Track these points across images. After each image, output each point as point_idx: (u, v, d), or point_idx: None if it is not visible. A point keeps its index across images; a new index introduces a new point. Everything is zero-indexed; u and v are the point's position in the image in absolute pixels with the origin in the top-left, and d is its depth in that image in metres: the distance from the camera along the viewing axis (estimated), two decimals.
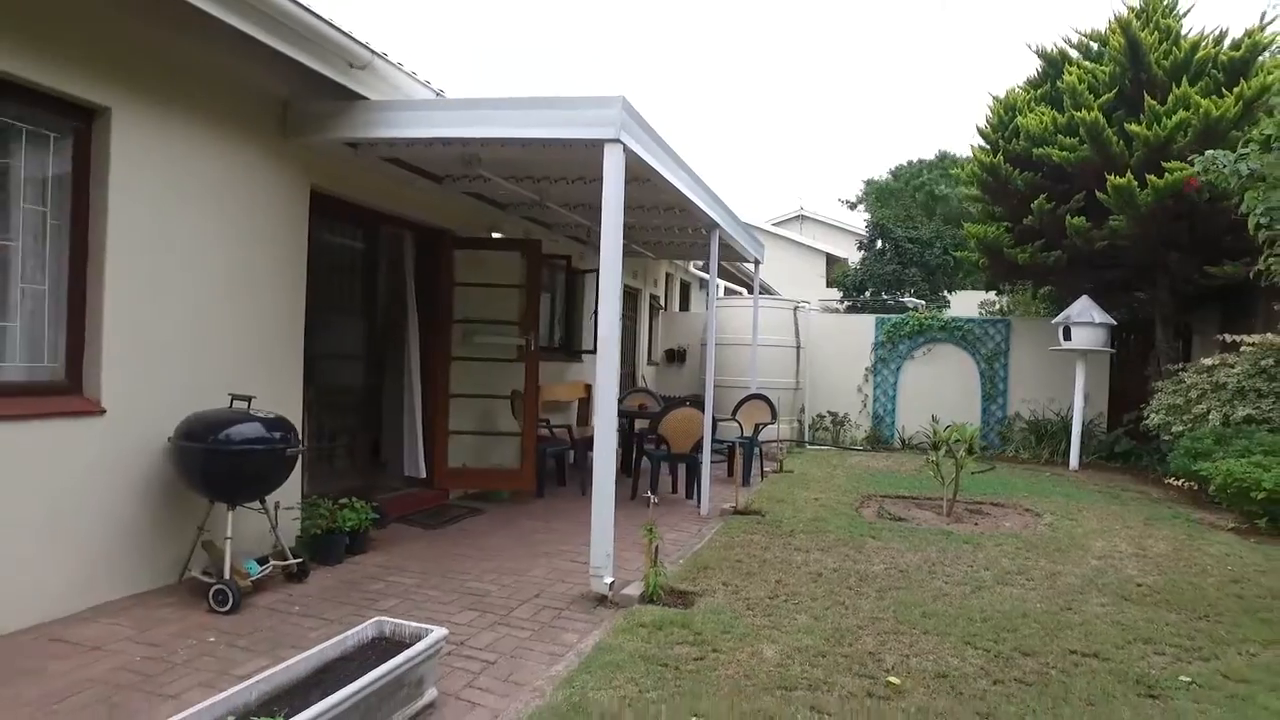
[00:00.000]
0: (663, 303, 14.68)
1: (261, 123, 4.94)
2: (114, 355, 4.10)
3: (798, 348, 12.70)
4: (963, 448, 7.28)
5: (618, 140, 4.39)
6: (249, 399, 4.41)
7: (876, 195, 34.34)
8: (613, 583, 4.44)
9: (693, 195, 6.18)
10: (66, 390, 4.02)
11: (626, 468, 9.32)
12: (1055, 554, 5.76)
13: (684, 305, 16.40)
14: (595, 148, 4.48)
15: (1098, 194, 9.23)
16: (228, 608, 4.00)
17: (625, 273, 11.73)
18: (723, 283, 16.18)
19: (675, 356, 14.32)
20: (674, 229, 9.06)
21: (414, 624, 3.17)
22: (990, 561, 5.48)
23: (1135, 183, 8.76)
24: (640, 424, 8.89)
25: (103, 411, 4.04)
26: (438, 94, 5.59)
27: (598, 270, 8.44)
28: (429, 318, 7.17)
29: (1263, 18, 9.11)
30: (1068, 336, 10.44)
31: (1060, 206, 9.87)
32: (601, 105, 4.41)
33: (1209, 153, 4.46)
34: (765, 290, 13.75)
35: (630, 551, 5.23)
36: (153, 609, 4.03)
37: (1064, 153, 9.60)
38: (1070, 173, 9.78)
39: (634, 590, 4.47)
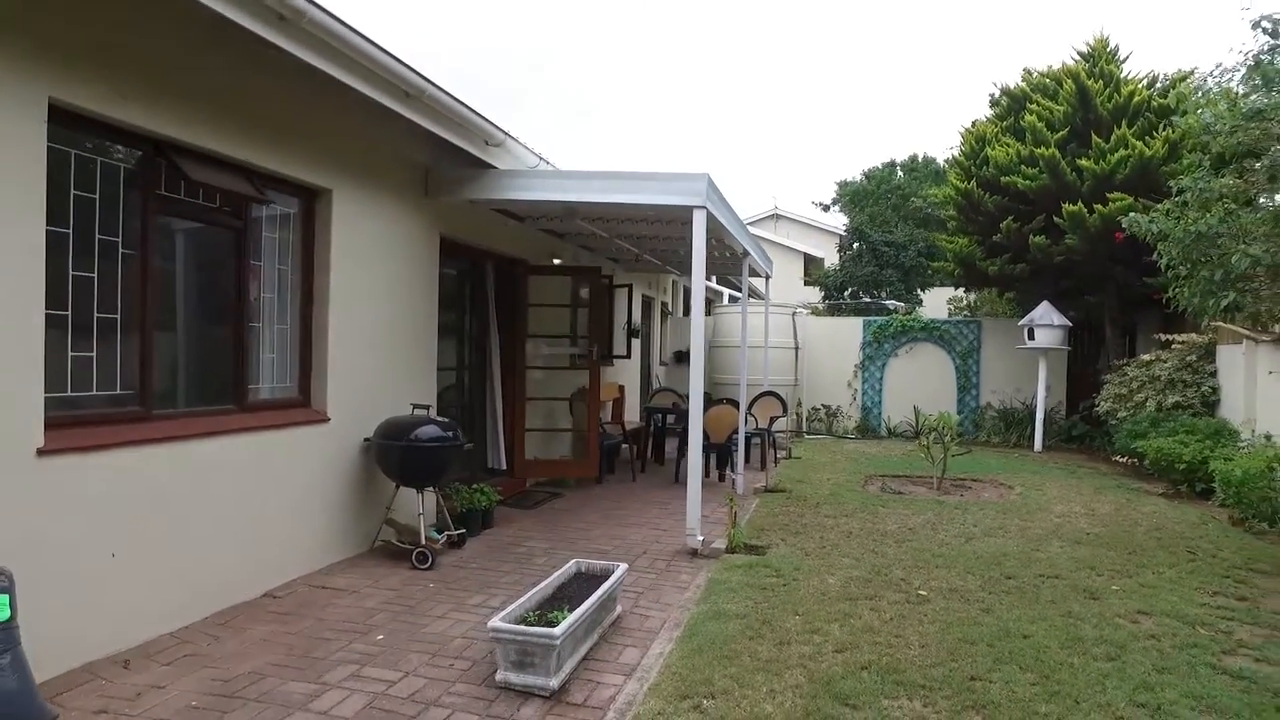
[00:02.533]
0: (670, 308, 16.18)
1: (412, 187, 6.32)
2: (334, 374, 5.48)
3: (796, 349, 14.29)
4: (948, 434, 8.88)
5: (704, 207, 5.86)
6: (427, 407, 5.82)
7: (850, 197, 36.11)
8: (704, 540, 5.93)
9: (739, 236, 7.68)
10: (303, 404, 5.40)
11: (659, 456, 10.82)
12: (1025, 515, 7.37)
13: (686, 309, 17.89)
14: (680, 210, 5.96)
15: (1055, 218, 10.92)
16: (428, 565, 5.42)
17: (641, 284, 13.25)
18: (725, 290, 17.69)
19: (683, 357, 15.82)
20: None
21: (602, 562, 4.63)
22: (977, 521, 7.06)
23: (1086, 209, 10.46)
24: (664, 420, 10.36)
25: (328, 420, 5.43)
26: (540, 158, 7.00)
27: (629, 285, 10.17)
28: (508, 333, 8.58)
29: (1192, 70, 10.81)
30: (1031, 336, 12.13)
31: (1024, 226, 11.54)
32: (692, 180, 5.88)
33: (1131, 215, 6.02)
34: (752, 293, 15.31)
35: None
36: (368, 568, 5.43)
37: (1027, 181, 11.28)
38: (1032, 198, 11.45)
39: (719, 545, 5.96)
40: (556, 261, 9.28)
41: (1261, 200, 5.06)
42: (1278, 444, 7.71)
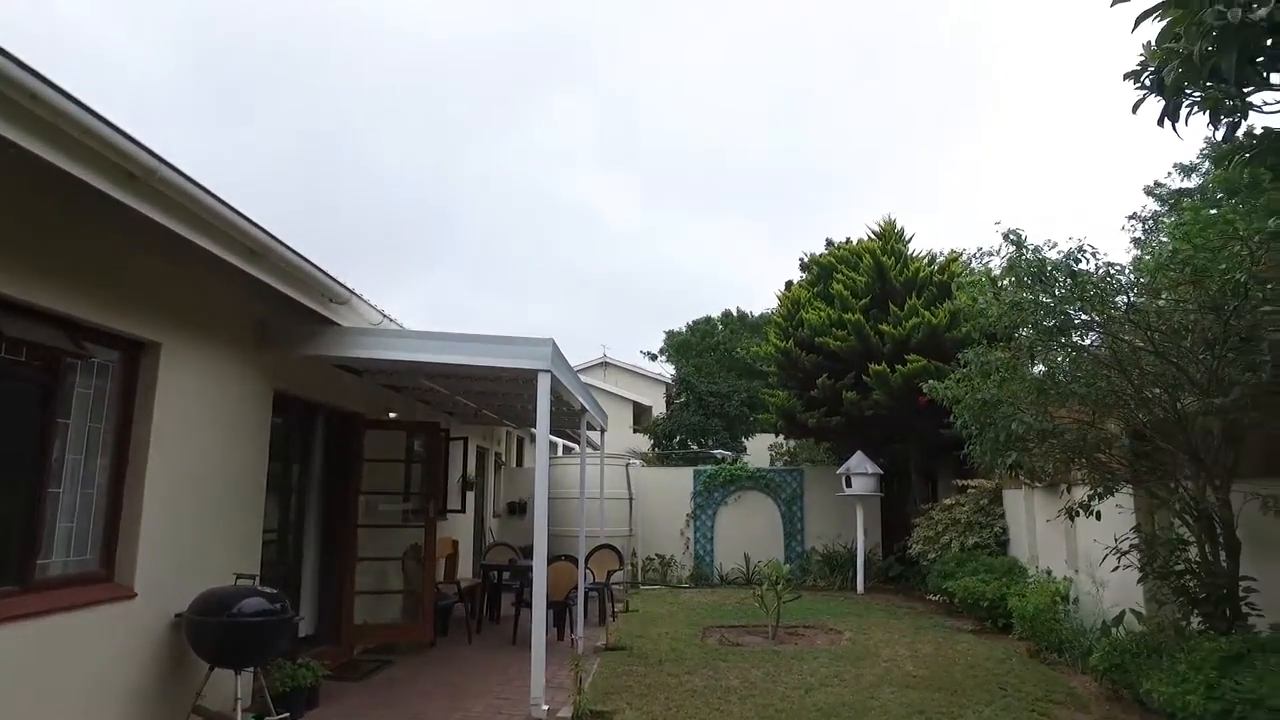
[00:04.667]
0: (504, 458, 16.02)
1: (247, 340, 6.09)
2: (146, 542, 4.97)
3: (630, 499, 14.49)
4: (779, 581, 9.23)
5: (548, 371, 6.04)
6: (253, 576, 5.37)
7: (676, 347, 38.07)
8: (549, 709, 5.71)
9: (578, 395, 7.91)
10: (105, 578, 4.83)
11: (495, 614, 10.40)
12: (857, 661, 7.69)
13: (519, 459, 17.77)
14: (522, 372, 6.12)
15: (864, 376, 12.13)
16: None
17: (476, 435, 13.13)
18: (560, 441, 17.80)
19: (517, 509, 15.57)
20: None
21: None
22: (813, 671, 7.28)
23: (889, 369, 11.72)
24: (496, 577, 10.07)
25: (134, 595, 4.87)
26: (385, 315, 7.00)
27: (465, 439, 10.06)
28: (341, 489, 8.16)
29: (960, 252, 12.69)
30: (849, 484, 13.06)
31: (838, 383, 12.69)
32: (537, 345, 6.08)
33: (931, 382, 6.90)
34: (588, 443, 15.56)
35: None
36: None
37: (838, 342, 12.54)
38: (843, 357, 12.68)
39: (565, 714, 5.75)
40: (392, 415, 9.07)
41: (1024, 371, 5.96)
42: (1057, 579, 8.66)
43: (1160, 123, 3.98)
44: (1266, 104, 4.09)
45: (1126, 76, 3.98)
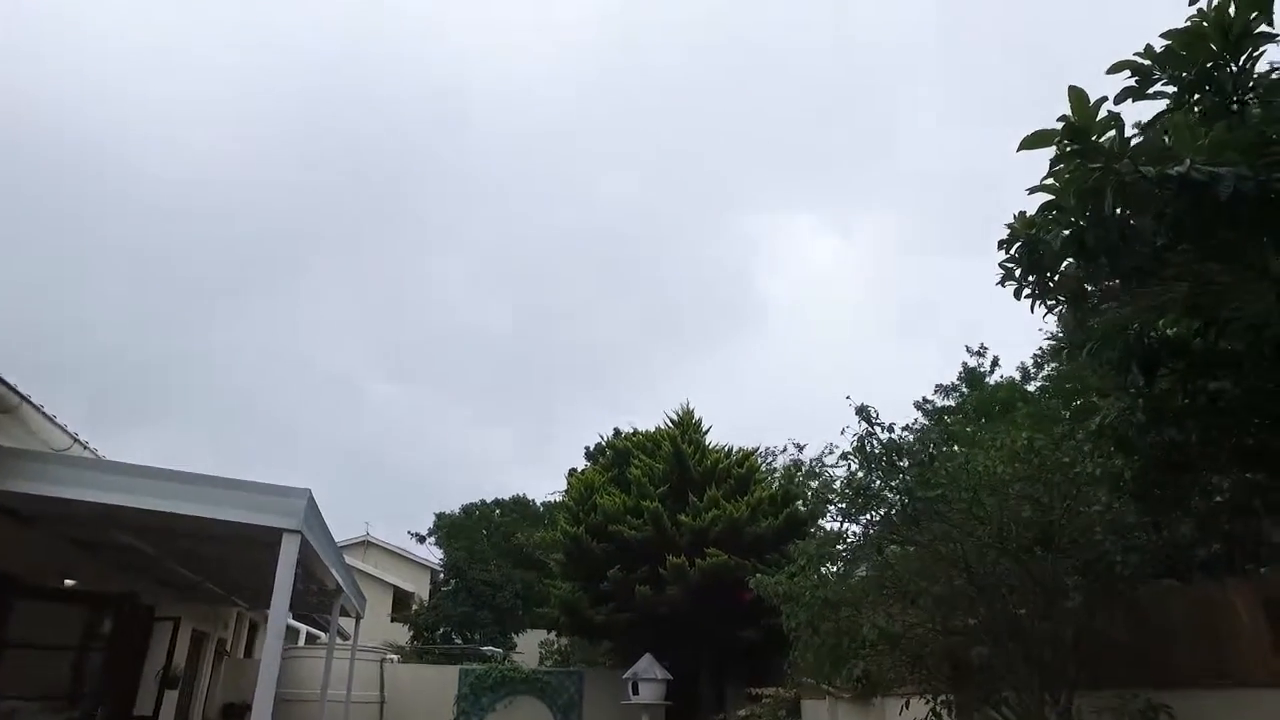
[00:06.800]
0: (229, 646, 13.06)
1: None
2: None
3: (382, 702, 12.15)
4: None
5: (298, 531, 4.61)
6: None
7: (448, 530, 35.36)
8: None
9: (335, 569, 6.32)
10: None
11: None
12: None
13: (249, 648, 14.69)
14: (264, 531, 4.63)
15: (660, 569, 11.25)
16: None
17: (193, 616, 10.55)
18: (304, 627, 15.02)
19: (235, 713, 12.48)
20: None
21: None
22: None
23: (687, 562, 10.95)
24: None
25: None
26: (76, 440, 5.23)
27: (176, 619, 7.79)
28: None
29: (757, 448, 12.69)
30: (635, 691, 11.71)
31: (630, 575, 11.70)
32: (288, 496, 4.66)
33: (759, 576, 6.17)
34: (338, 631, 13.15)
35: None
36: None
37: (633, 531, 11.70)
38: (638, 547, 11.80)
39: None
40: (69, 583, 6.81)
41: (862, 571, 5.40)
42: None
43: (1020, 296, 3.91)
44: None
45: (1000, 245, 3.81)
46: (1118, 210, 3.07)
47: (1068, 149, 3.16)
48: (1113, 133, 3.13)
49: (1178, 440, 4.74)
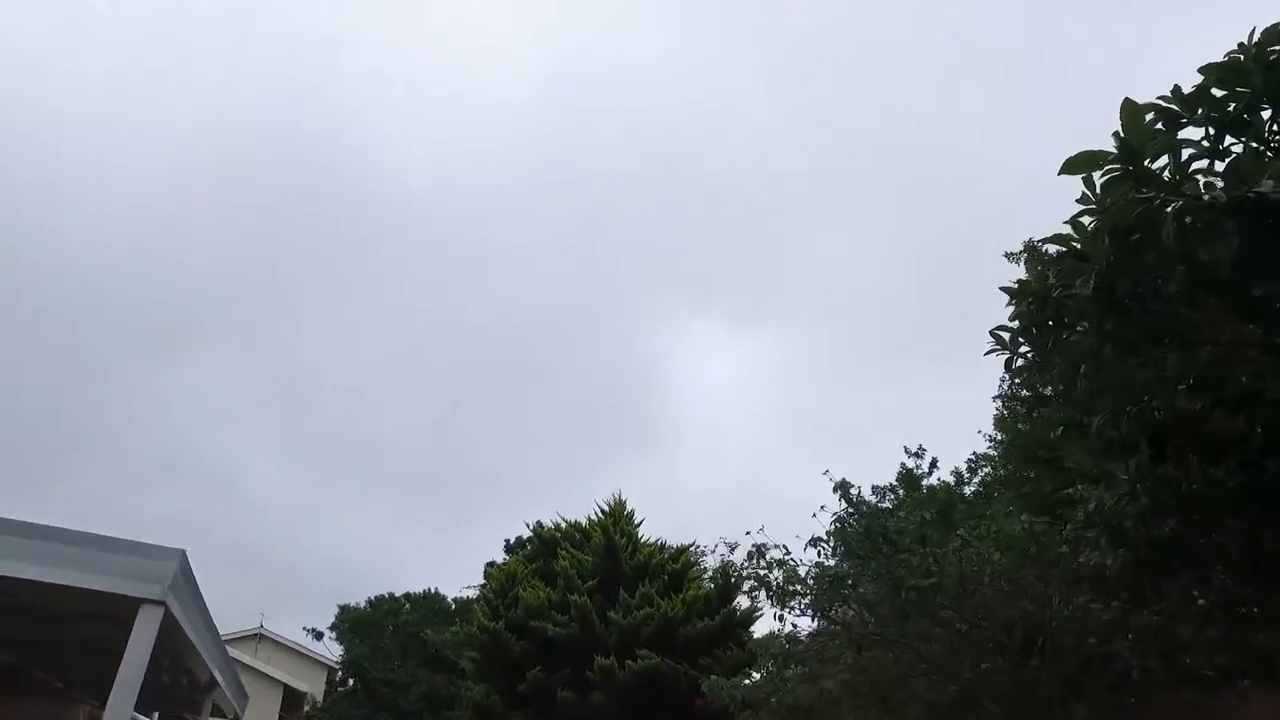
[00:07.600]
0: None
1: None
2: None
3: None
4: None
5: (161, 602, 3.70)
6: None
7: (351, 623, 32.77)
8: None
9: (210, 657, 5.27)
10: None
11: None
12: None
13: None
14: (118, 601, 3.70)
15: (587, 670, 10.23)
16: None
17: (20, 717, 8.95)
18: None
19: None
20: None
21: None
22: None
23: (616, 663, 9.98)
24: None
25: None
26: None
27: None
28: None
29: (692, 543, 12.04)
30: None
31: (553, 676, 10.62)
32: (153, 556, 3.77)
33: (714, 678, 5.42)
34: None
35: None
36: None
37: (558, 628, 10.70)
38: (563, 645, 10.77)
39: None
40: None
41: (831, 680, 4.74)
42: None
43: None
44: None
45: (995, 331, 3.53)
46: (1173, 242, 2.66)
47: (1114, 175, 2.78)
48: (1165, 159, 2.77)
49: (1178, 532, 4.33)
